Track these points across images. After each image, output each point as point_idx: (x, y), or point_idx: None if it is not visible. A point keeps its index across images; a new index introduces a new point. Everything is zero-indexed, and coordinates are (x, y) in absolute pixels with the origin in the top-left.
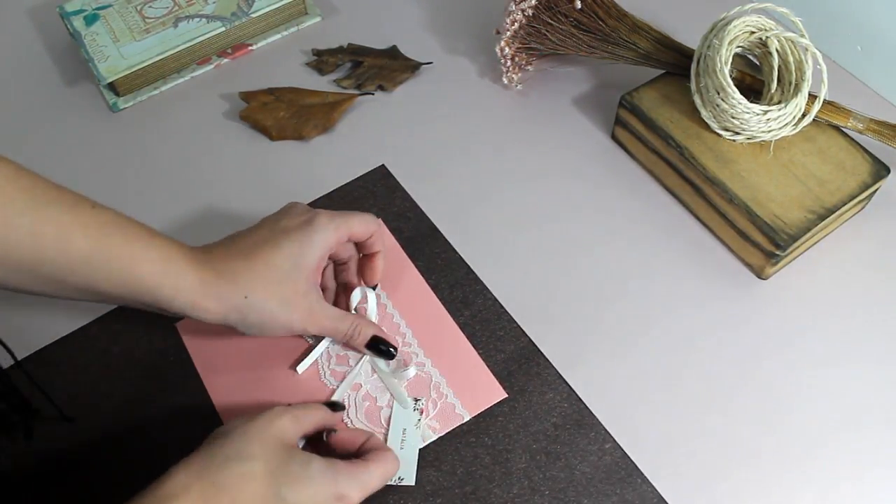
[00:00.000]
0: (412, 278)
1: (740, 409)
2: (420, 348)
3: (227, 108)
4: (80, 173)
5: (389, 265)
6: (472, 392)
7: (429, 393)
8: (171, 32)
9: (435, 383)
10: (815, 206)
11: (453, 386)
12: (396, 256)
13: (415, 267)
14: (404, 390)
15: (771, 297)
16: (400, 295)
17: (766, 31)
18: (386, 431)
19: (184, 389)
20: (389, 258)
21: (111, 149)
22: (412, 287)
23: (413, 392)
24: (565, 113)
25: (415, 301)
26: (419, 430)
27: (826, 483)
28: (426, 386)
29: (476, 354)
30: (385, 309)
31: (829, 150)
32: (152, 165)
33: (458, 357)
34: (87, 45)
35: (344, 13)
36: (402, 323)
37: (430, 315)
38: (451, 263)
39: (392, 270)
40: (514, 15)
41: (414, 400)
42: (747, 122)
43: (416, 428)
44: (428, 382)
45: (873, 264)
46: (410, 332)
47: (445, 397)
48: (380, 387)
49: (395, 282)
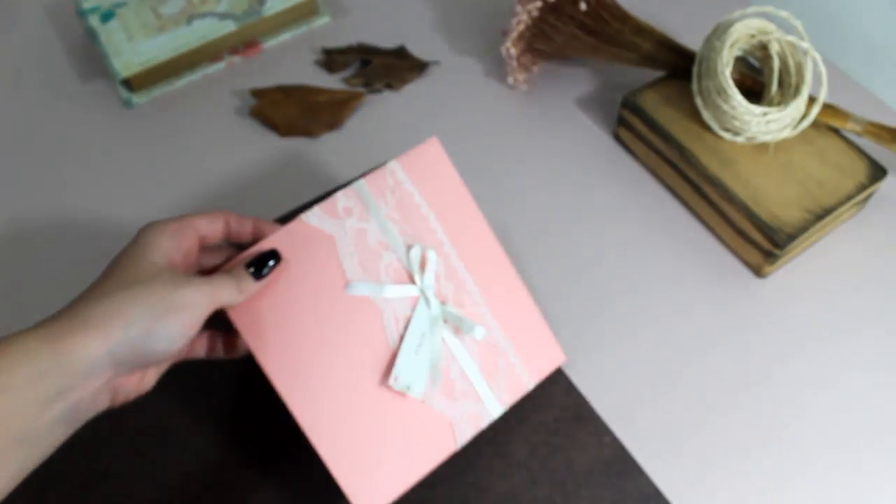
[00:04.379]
0: (477, 226)
1: (737, 405)
2: (487, 308)
3: (238, 105)
4: (94, 168)
5: (454, 210)
6: (536, 359)
7: (495, 363)
8: (185, 30)
9: (502, 350)
10: (814, 206)
11: (520, 353)
12: (460, 201)
13: (481, 215)
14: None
15: (769, 295)
16: (465, 246)
17: (766, 35)
18: (402, 336)
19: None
20: (455, 203)
21: (124, 144)
22: (477, 236)
23: (482, 358)
24: (569, 113)
25: (479, 253)
26: (437, 338)
27: (823, 479)
28: (493, 354)
29: (538, 313)
30: (449, 259)
31: (827, 152)
32: (164, 160)
33: (522, 317)
34: (102, 42)
35: (353, 13)
36: (468, 278)
37: (495, 270)
38: None
39: (456, 215)
40: (519, 16)
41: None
42: (748, 124)
43: (436, 334)
44: (495, 350)
45: (870, 265)
46: (478, 289)
47: (513, 367)
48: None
49: (460, 229)
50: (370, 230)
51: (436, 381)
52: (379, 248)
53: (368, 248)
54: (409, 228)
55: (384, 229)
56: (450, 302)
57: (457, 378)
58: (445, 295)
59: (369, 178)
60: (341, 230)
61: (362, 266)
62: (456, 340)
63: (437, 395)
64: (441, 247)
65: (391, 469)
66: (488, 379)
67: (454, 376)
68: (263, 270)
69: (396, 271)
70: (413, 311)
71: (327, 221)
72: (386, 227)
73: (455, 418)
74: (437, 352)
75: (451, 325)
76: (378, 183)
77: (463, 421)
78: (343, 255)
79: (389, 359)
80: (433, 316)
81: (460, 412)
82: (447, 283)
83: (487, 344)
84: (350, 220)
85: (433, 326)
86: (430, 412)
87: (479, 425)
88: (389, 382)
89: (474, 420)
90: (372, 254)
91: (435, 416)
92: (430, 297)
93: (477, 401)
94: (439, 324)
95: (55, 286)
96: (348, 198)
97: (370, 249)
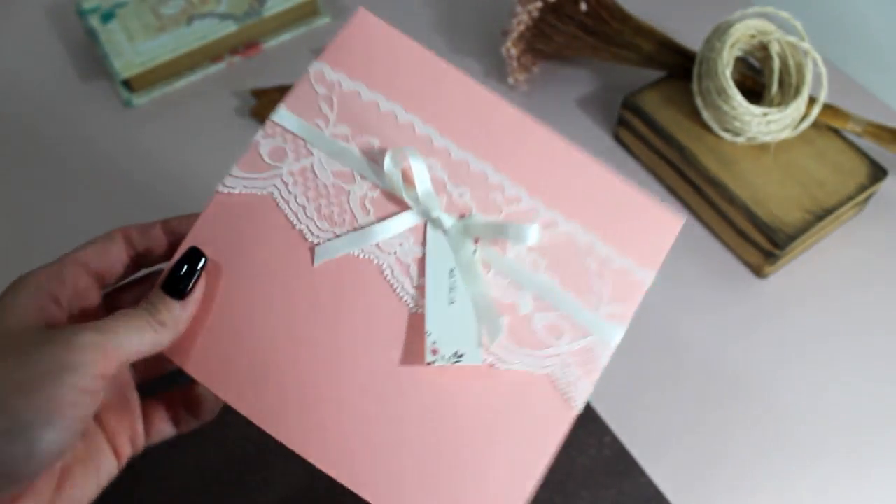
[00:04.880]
0: (468, 94)
1: (738, 405)
2: (533, 196)
3: (239, 105)
4: (94, 168)
5: (428, 88)
6: (637, 236)
7: (582, 268)
8: (185, 30)
9: (583, 245)
10: (814, 206)
11: (610, 238)
12: (431, 72)
13: (470, 79)
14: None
15: (769, 296)
16: (464, 127)
17: (767, 35)
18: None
19: None
20: (425, 79)
21: (124, 144)
22: (474, 107)
23: (558, 269)
24: (569, 113)
25: (488, 126)
26: (475, 268)
27: (824, 480)
28: (572, 256)
29: (608, 172)
30: (448, 155)
31: (827, 153)
32: (164, 161)
33: (586, 187)
34: (102, 43)
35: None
36: (486, 168)
37: (520, 139)
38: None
39: (432, 93)
40: (520, 16)
41: (458, 217)
42: (748, 124)
43: (470, 263)
44: (571, 249)
45: (870, 265)
46: (506, 176)
47: (610, 262)
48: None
49: (446, 109)
50: (318, 164)
51: (497, 331)
52: (339, 181)
53: (325, 189)
54: (372, 138)
55: (336, 154)
56: (474, 210)
57: (532, 313)
58: (462, 204)
59: (290, 99)
60: (278, 183)
61: (325, 217)
62: (507, 260)
63: (509, 348)
64: (429, 143)
65: (490, 481)
66: (580, 295)
67: (526, 311)
68: (185, 284)
69: (377, 202)
70: (424, 247)
71: (255, 180)
72: (338, 150)
73: (554, 370)
74: (482, 288)
75: (489, 242)
76: (305, 99)
77: (568, 369)
78: (293, 213)
79: (415, 327)
80: (454, 239)
81: (559, 359)
82: (458, 186)
83: (555, 246)
84: (284, 163)
85: (461, 253)
86: (509, 378)
87: (596, 365)
88: (427, 360)
89: (585, 360)
90: (333, 194)
91: (521, 380)
92: (437, 213)
93: (577, 332)
94: (469, 247)
95: None
96: (272, 137)
97: (328, 190)
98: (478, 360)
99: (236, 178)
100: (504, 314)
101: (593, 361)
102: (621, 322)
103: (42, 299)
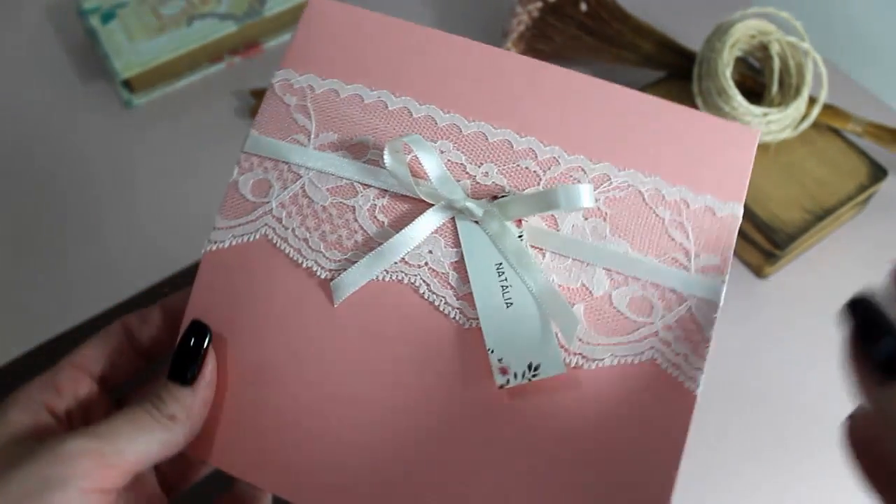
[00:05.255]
0: (461, 54)
1: (737, 406)
2: (576, 155)
3: (239, 105)
4: (94, 168)
5: (416, 65)
6: (711, 165)
7: (654, 220)
8: (185, 31)
9: (649, 193)
10: (814, 207)
11: (680, 177)
12: (415, 44)
13: (459, 38)
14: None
15: (769, 296)
16: (467, 95)
17: (767, 35)
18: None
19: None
20: (408, 54)
21: (124, 145)
22: (471, 66)
23: (626, 230)
24: None
25: (495, 86)
26: (525, 255)
27: (823, 480)
28: (637, 210)
29: (666, 104)
30: (458, 132)
31: (827, 153)
32: (164, 161)
33: (642, 129)
34: (102, 43)
35: None
36: (508, 134)
37: (557, 94)
38: None
39: (422, 67)
40: (520, 17)
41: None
42: (748, 125)
43: (518, 252)
44: (635, 203)
45: (871, 265)
46: (534, 138)
47: (686, 204)
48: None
49: (440, 82)
50: (309, 186)
51: (574, 324)
52: (338, 198)
53: (325, 212)
54: (364, 138)
55: (328, 168)
56: (507, 188)
57: (609, 291)
58: (491, 185)
59: (259, 121)
60: (269, 220)
61: (333, 245)
62: (561, 236)
63: (593, 341)
64: (433, 124)
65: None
66: (660, 254)
67: (602, 291)
68: (191, 366)
69: (388, 209)
70: (460, 248)
71: (243, 225)
72: (328, 163)
73: (655, 353)
74: (541, 277)
75: (535, 220)
76: (275, 117)
77: (671, 347)
78: (294, 250)
79: (472, 345)
80: (492, 228)
81: (656, 338)
82: (481, 165)
83: (614, 203)
84: (271, 196)
85: (505, 242)
86: (604, 377)
87: (704, 334)
88: (498, 383)
89: (689, 331)
90: (335, 215)
91: (619, 376)
92: (462, 202)
93: (669, 300)
94: (512, 232)
95: (55, 287)
96: (249, 171)
97: (328, 212)
98: (559, 367)
99: (223, 230)
100: (576, 302)
101: (699, 330)
102: (719, 274)
103: (34, 412)
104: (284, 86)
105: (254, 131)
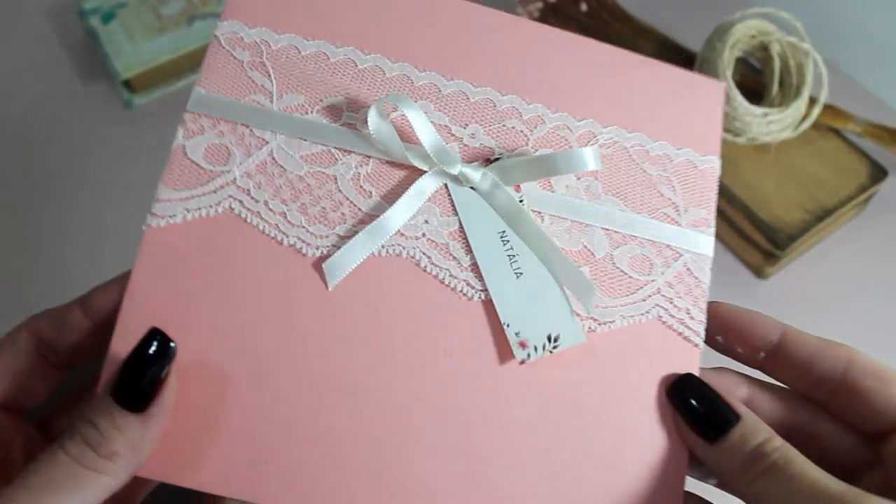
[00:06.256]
0: (462, 9)
1: None
2: (561, 112)
3: None
4: (95, 169)
5: (382, 17)
6: (687, 119)
7: (639, 172)
8: (186, 31)
9: (635, 150)
10: (814, 207)
11: (661, 132)
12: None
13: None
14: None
15: (770, 296)
16: (447, 55)
17: (767, 35)
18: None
19: None
20: (374, 5)
21: (125, 145)
22: (449, 24)
23: (618, 187)
24: None
25: (486, 44)
26: (528, 223)
27: None
28: (624, 165)
29: (639, 59)
30: (437, 93)
31: (828, 153)
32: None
33: (621, 84)
34: (103, 43)
35: None
36: (491, 92)
37: (534, 49)
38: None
39: (390, 22)
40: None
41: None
42: (748, 125)
43: (519, 216)
44: (623, 157)
45: (871, 265)
46: (522, 100)
47: (669, 159)
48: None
49: (416, 40)
50: (279, 153)
51: (589, 289)
52: (316, 167)
53: (302, 183)
54: (335, 99)
55: (298, 133)
56: (496, 149)
57: (610, 251)
58: (479, 147)
59: (205, 77)
60: (234, 191)
61: (316, 218)
62: (557, 198)
63: (602, 304)
64: (408, 83)
65: (634, 477)
66: (653, 210)
67: (603, 252)
68: (144, 393)
69: (375, 178)
70: (457, 215)
71: (199, 197)
72: (298, 126)
73: (659, 310)
74: (549, 243)
75: (533, 186)
76: (227, 74)
77: (674, 303)
78: (271, 226)
79: (484, 320)
80: (491, 193)
81: (659, 295)
82: (466, 126)
83: (604, 160)
84: (232, 164)
85: (507, 208)
86: (616, 341)
87: (702, 288)
88: (519, 358)
89: (689, 286)
90: (315, 186)
91: (629, 337)
92: (458, 167)
93: (666, 255)
94: (513, 197)
95: (55, 287)
96: (199, 133)
97: (306, 182)
98: (580, 336)
99: (171, 203)
100: (581, 265)
101: (698, 285)
102: (708, 226)
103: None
104: (232, 39)
105: (199, 88)
